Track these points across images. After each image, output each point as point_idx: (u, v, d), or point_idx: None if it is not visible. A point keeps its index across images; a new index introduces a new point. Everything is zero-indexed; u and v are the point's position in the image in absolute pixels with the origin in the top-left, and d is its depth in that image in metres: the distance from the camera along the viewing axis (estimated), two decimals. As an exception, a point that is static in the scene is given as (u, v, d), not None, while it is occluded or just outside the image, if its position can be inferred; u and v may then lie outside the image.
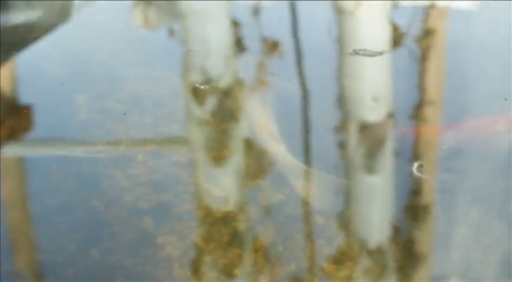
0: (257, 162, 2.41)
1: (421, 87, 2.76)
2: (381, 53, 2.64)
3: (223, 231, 2.16)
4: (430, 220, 2.20)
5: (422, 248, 2.12)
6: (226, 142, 2.49)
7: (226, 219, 2.20)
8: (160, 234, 2.15)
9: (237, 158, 2.43)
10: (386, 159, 2.43)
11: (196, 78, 2.79)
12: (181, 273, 2.04)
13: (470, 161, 2.38)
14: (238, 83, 2.79)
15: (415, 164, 2.31)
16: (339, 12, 3.30)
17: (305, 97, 2.70)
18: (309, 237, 2.15)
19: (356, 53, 2.59)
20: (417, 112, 2.63)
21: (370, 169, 2.40)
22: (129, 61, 2.89)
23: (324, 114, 2.60)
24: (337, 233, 2.15)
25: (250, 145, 2.48)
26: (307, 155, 2.43)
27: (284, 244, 2.13)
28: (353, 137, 2.53)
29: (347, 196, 2.31)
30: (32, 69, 2.88)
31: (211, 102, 2.66)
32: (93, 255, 2.09)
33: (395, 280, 2.05)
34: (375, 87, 2.80)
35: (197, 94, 2.70)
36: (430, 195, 2.28)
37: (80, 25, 3.22)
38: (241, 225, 2.19)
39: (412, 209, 2.24)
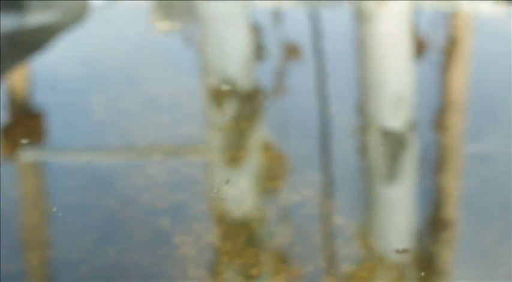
0: (273, 164, 2.38)
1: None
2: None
3: (239, 231, 2.13)
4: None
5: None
6: (243, 144, 2.46)
7: (243, 219, 2.17)
8: (177, 234, 2.12)
9: (253, 160, 2.40)
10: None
11: (214, 81, 2.77)
12: (197, 273, 2.01)
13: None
14: (257, 87, 2.76)
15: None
16: (360, 17, 3.27)
17: (325, 102, 2.67)
18: (327, 237, 2.12)
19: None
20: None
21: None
22: (146, 62, 2.88)
23: (344, 118, 2.56)
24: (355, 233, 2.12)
25: (266, 147, 2.45)
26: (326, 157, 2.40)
27: (302, 244, 2.09)
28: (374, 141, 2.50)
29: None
30: (48, 70, 2.86)
31: (229, 104, 2.63)
32: (109, 253, 2.06)
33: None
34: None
35: (215, 96, 2.68)
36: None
37: (97, 26, 3.22)
38: (258, 225, 2.15)
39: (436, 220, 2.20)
